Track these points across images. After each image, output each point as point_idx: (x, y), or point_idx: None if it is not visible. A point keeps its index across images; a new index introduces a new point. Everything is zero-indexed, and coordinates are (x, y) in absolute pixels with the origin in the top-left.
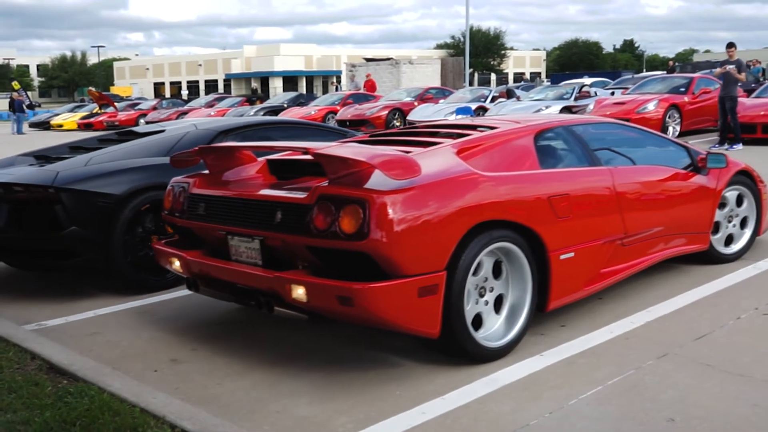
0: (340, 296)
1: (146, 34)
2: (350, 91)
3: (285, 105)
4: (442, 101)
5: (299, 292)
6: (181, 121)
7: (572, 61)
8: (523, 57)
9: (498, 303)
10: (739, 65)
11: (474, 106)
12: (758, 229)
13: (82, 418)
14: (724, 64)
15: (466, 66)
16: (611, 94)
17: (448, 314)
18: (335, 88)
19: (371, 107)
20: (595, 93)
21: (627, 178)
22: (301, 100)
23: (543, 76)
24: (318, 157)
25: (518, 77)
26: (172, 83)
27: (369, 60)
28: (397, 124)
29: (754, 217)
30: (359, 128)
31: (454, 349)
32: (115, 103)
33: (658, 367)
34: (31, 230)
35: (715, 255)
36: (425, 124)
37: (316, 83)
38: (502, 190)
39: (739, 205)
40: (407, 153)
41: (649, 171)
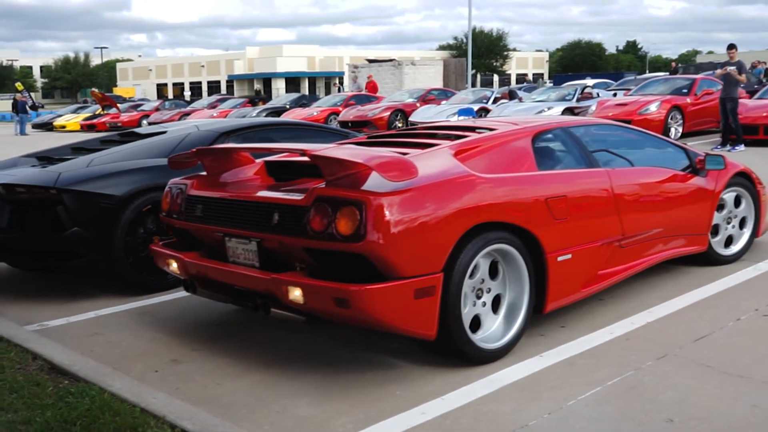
0: (337, 298)
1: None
2: (352, 92)
3: (287, 106)
4: (444, 102)
5: (296, 294)
6: (183, 122)
7: (575, 63)
8: (526, 58)
9: (496, 303)
10: (739, 66)
11: (476, 107)
12: (757, 230)
13: (83, 418)
14: (725, 66)
15: (469, 67)
16: (613, 95)
17: (445, 316)
18: (338, 89)
19: (373, 108)
20: (598, 94)
21: (625, 180)
22: (303, 101)
23: (546, 77)
24: (315, 159)
25: (521, 78)
26: (174, 84)
27: (371, 61)
28: (399, 125)
29: (752, 218)
30: (361, 129)
31: (451, 350)
32: (118, 105)
33: (658, 368)
34: (34, 231)
35: (714, 256)
36: (424, 125)
37: (319, 84)
38: (500, 191)
39: (737, 206)
40: (404, 155)
41: (647, 173)
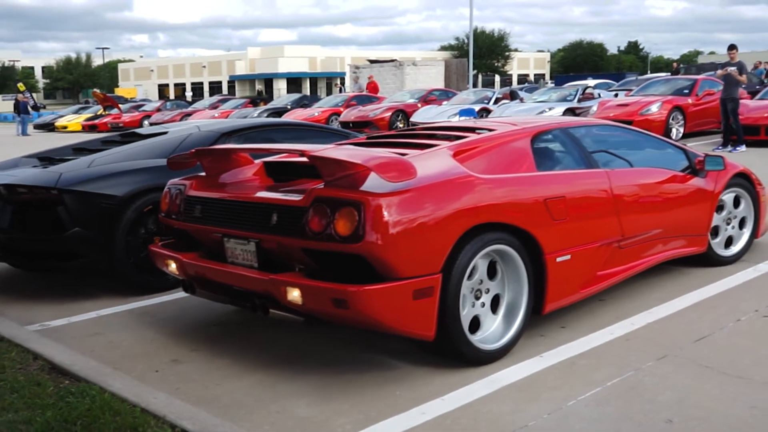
0: (335, 299)
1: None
2: (354, 92)
3: (289, 106)
4: (445, 103)
5: (294, 295)
6: (184, 122)
7: (576, 63)
8: (528, 59)
9: (495, 303)
10: (740, 67)
11: (477, 107)
12: (756, 231)
13: (83, 418)
14: (725, 66)
15: (470, 68)
16: (615, 95)
17: (444, 317)
18: (339, 89)
19: (375, 109)
20: (599, 95)
21: (624, 181)
22: (304, 101)
23: (547, 77)
24: (313, 160)
25: (522, 79)
26: (176, 85)
27: (373, 62)
28: (401, 125)
29: (751, 218)
30: (363, 130)
31: (450, 351)
32: (120, 105)
33: (658, 368)
34: (35, 231)
35: (714, 257)
36: (423, 126)
37: (320, 85)
38: (499, 192)
39: (737, 206)
40: (403, 155)
41: (646, 173)
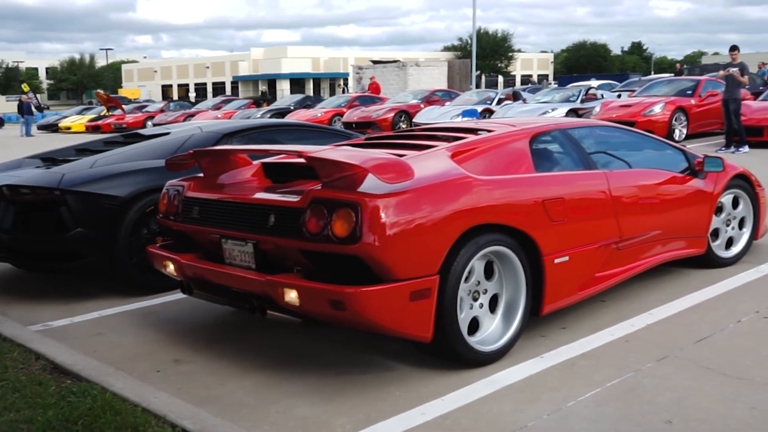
0: (332, 300)
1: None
2: (357, 93)
3: (292, 107)
4: (448, 103)
5: (291, 296)
6: (186, 123)
7: (580, 64)
8: (531, 59)
9: (493, 303)
10: (742, 68)
11: (480, 108)
12: (756, 232)
13: (84, 417)
14: (727, 67)
15: (473, 68)
16: (618, 96)
17: (441, 318)
18: (342, 90)
19: (377, 109)
20: (602, 95)
21: (623, 182)
22: (307, 102)
23: (551, 78)
24: (311, 161)
25: (526, 79)
26: (179, 85)
27: (376, 62)
28: (404, 126)
29: (751, 219)
30: (365, 130)
31: (447, 353)
32: (123, 106)
33: (658, 369)
34: (38, 232)
35: (714, 259)
36: (422, 127)
37: (324, 85)
38: (497, 193)
39: (735, 207)
40: (401, 156)
41: (645, 175)
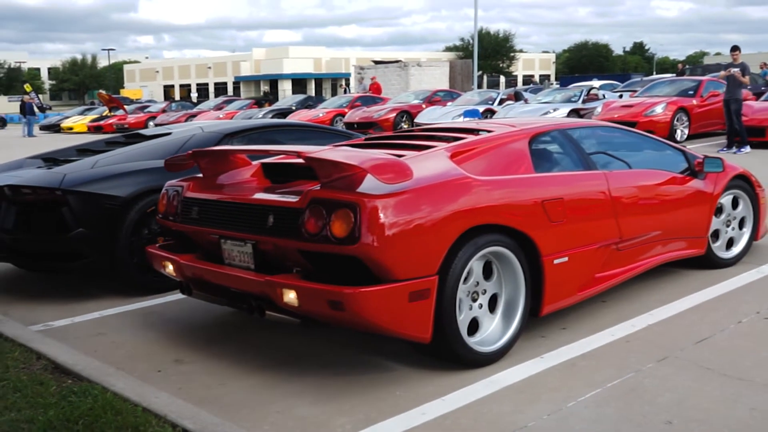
0: (331, 300)
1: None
2: (358, 93)
3: (293, 107)
4: (450, 104)
5: (290, 297)
6: (187, 123)
7: (582, 64)
8: (533, 59)
9: (492, 303)
10: (743, 68)
11: (482, 108)
12: (756, 233)
13: (85, 417)
14: (728, 68)
15: (475, 69)
16: (619, 96)
17: (440, 319)
18: (344, 90)
19: (379, 110)
20: (604, 96)
21: (622, 183)
22: (309, 102)
23: (552, 78)
24: (310, 161)
25: (527, 80)
26: (181, 86)
27: (377, 62)
28: (405, 126)
29: (751, 219)
30: (367, 131)
31: (446, 353)
32: (125, 106)
33: (658, 370)
34: (39, 232)
35: (714, 260)
36: (421, 127)
37: (325, 86)
38: (496, 194)
39: (735, 207)
40: (400, 157)
41: (645, 175)
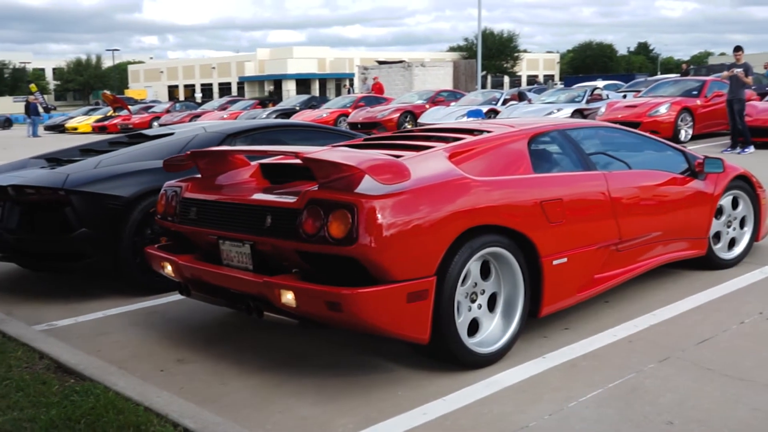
0: (329, 301)
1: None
2: (362, 93)
3: (297, 108)
4: (453, 104)
5: (288, 298)
6: (190, 123)
7: (586, 64)
8: (537, 59)
9: (491, 302)
10: (746, 69)
11: (485, 108)
12: (756, 234)
13: (87, 416)
14: (731, 68)
15: (479, 69)
16: (623, 97)
17: (438, 320)
18: (348, 90)
19: (383, 110)
20: (607, 96)
21: (622, 183)
22: (313, 102)
23: (556, 78)
24: (307, 162)
25: (531, 80)
26: (186, 86)
27: (381, 63)
28: (409, 126)
29: (751, 220)
30: (371, 131)
31: (445, 355)
32: (129, 106)
33: (660, 370)
34: (42, 232)
35: (715, 260)
36: (421, 127)
37: (329, 86)
38: (494, 194)
39: (735, 207)
40: (398, 157)
41: (645, 176)
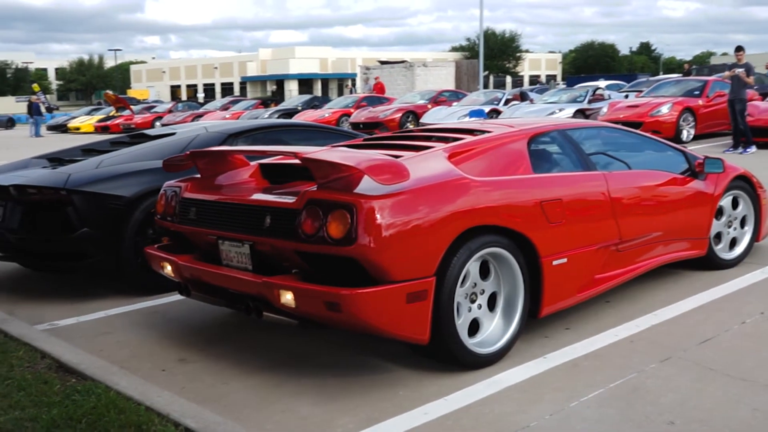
0: (328, 302)
1: (162, 38)
2: (364, 93)
3: (299, 108)
4: (455, 104)
5: (287, 298)
6: (192, 123)
7: (588, 64)
8: (539, 59)
9: (491, 302)
10: (747, 69)
11: (487, 108)
12: (757, 234)
13: (88, 416)
14: (732, 68)
15: (481, 69)
16: (625, 97)
17: (438, 321)
18: (350, 90)
19: (385, 110)
20: (609, 96)
21: (622, 183)
22: (315, 102)
23: (558, 78)
24: (306, 162)
25: (534, 80)
26: (188, 86)
27: (383, 63)
28: (411, 126)
29: (752, 219)
30: (373, 131)
31: (444, 355)
32: (132, 106)
33: (661, 370)
34: (44, 232)
35: (715, 261)
36: (421, 127)
37: (332, 86)
38: (494, 195)
39: (736, 207)
40: (398, 157)
41: (645, 176)
